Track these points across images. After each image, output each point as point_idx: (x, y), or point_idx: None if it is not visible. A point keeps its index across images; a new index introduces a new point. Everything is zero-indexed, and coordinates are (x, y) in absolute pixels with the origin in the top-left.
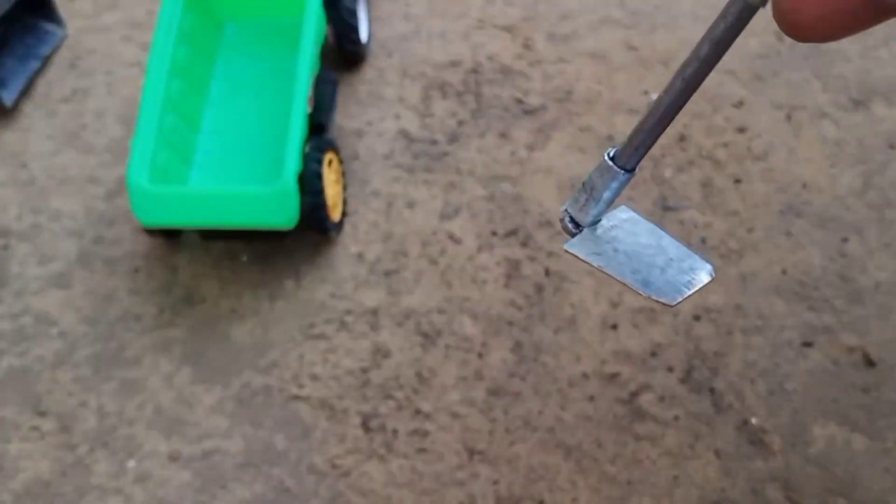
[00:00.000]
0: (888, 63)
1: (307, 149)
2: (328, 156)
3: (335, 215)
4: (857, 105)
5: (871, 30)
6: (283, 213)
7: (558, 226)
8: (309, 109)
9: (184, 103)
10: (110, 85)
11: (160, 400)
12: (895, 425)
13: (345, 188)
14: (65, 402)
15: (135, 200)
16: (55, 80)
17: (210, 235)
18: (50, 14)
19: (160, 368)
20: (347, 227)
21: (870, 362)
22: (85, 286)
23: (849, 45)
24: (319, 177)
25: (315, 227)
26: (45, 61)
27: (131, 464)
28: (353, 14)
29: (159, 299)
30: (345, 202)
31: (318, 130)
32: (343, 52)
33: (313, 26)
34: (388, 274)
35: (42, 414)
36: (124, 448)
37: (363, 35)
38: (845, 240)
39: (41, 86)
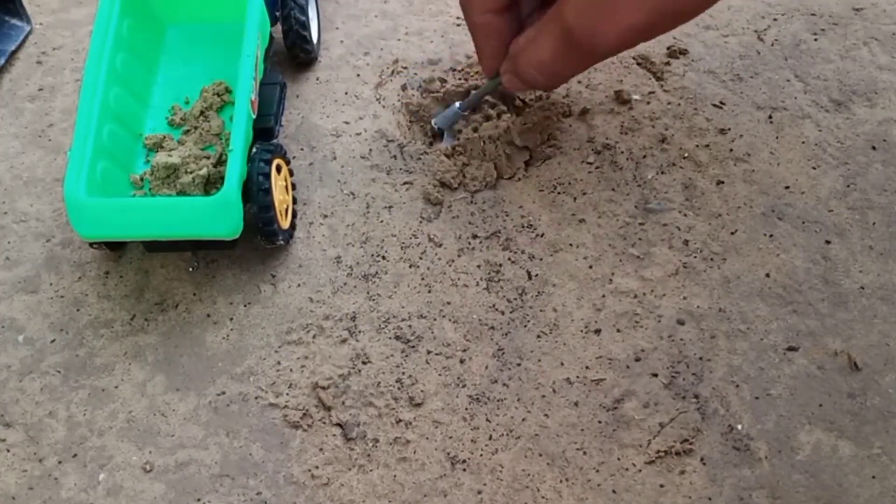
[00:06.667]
0: (868, 63)
1: (252, 155)
2: (275, 161)
3: (284, 223)
4: (838, 106)
5: (850, 30)
6: (226, 222)
7: (540, 228)
8: (253, 115)
9: (124, 111)
10: (78, 82)
11: (132, 409)
12: (881, 431)
13: (294, 200)
14: (32, 413)
15: (72, 213)
16: (20, 78)
17: (154, 247)
18: (14, 9)
19: (132, 376)
20: (325, 230)
21: (855, 367)
22: (53, 291)
23: (829, 45)
24: (265, 183)
25: (263, 235)
26: (10, 58)
27: (102, 476)
28: (304, 10)
29: (131, 304)
30: (294, 214)
31: (265, 136)
32: (293, 54)
33: (255, 28)
34: (367, 278)
35: (8, 425)
36: (95, 460)
37: (313, 35)
38: (828, 242)
39: (6, 83)
